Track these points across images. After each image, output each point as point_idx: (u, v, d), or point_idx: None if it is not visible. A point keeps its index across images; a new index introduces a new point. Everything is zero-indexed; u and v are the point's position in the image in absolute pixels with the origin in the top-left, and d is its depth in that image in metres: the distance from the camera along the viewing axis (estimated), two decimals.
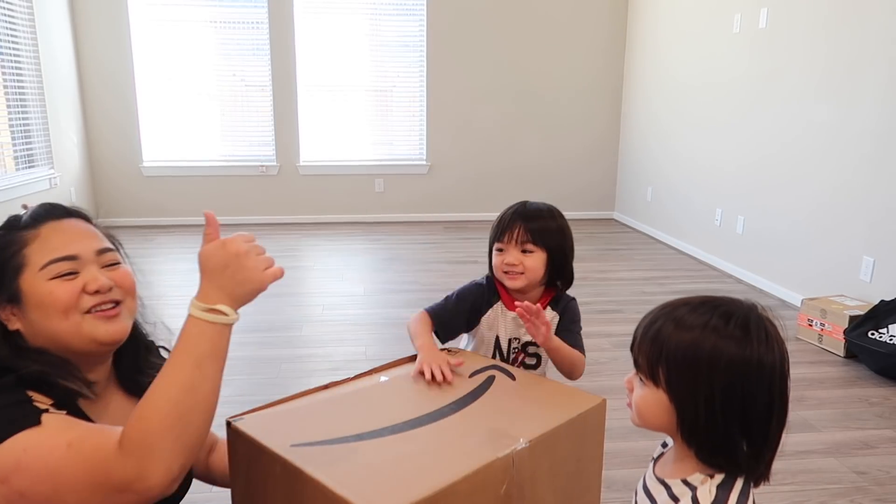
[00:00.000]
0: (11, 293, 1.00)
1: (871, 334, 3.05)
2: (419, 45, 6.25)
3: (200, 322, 0.91)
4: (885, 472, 2.22)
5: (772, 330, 0.86)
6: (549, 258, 1.56)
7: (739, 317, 0.85)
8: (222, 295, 0.92)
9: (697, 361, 0.83)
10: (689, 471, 0.88)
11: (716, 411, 0.83)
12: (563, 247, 1.59)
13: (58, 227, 1.04)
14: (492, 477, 1.01)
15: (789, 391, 0.87)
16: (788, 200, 4.05)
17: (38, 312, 0.99)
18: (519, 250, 1.55)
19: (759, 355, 0.83)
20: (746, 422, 0.83)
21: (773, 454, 0.87)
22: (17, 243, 1.01)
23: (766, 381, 0.83)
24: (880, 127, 3.35)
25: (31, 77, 5.08)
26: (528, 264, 1.55)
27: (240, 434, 1.08)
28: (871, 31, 3.41)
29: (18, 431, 0.86)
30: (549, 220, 1.58)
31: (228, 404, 2.88)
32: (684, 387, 0.85)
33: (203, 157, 6.24)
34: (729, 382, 0.82)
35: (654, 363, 0.87)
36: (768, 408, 0.84)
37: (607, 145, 6.65)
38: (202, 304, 0.91)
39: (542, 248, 1.55)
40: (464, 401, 1.21)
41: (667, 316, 0.88)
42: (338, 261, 5.18)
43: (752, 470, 0.86)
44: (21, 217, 1.05)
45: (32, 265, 1.00)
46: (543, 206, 1.62)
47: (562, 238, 1.58)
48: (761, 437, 0.84)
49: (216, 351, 0.92)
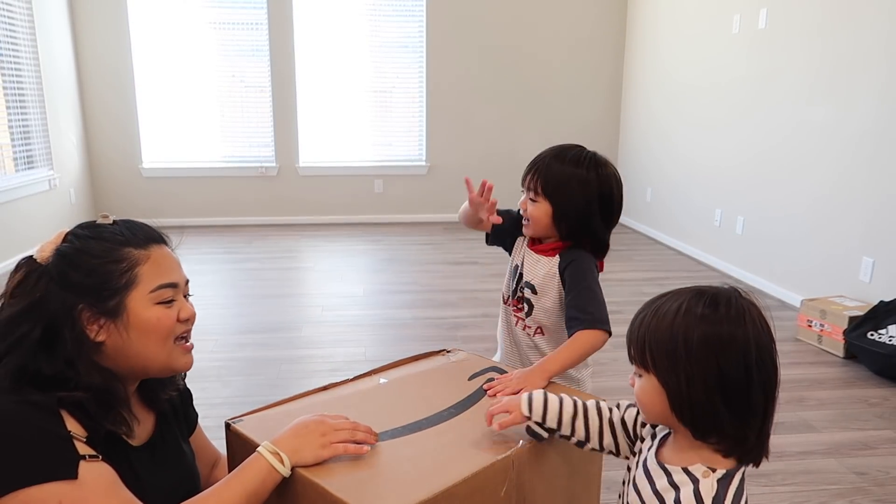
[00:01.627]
0: (114, 307, 0.98)
1: (870, 335, 3.05)
2: (418, 45, 6.25)
3: (262, 459, 0.97)
4: (885, 473, 2.22)
5: (745, 305, 0.88)
6: (554, 213, 1.45)
7: (709, 297, 0.89)
8: (289, 448, 0.99)
9: (674, 343, 0.87)
10: (691, 460, 0.90)
11: (697, 388, 0.86)
12: (575, 201, 1.44)
13: (162, 252, 1.05)
14: (491, 479, 1.01)
15: (775, 364, 0.88)
16: (788, 201, 4.05)
17: (138, 333, 1.00)
18: (528, 197, 1.48)
19: (729, 330, 0.86)
20: (727, 395, 0.86)
21: (766, 427, 0.89)
22: (129, 260, 1.00)
23: (739, 354, 0.85)
24: (879, 127, 3.35)
25: (30, 78, 5.08)
26: (531, 212, 1.48)
27: (239, 436, 1.08)
28: (869, 32, 3.41)
29: (57, 479, 0.86)
30: (570, 166, 1.44)
31: (228, 405, 2.89)
32: (668, 369, 0.88)
33: (203, 158, 6.24)
34: (704, 359, 0.86)
35: (643, 352, 0.91)
36: (746, 379, 0.85)
37: (607, 146, 6.65)
38: (271, 446, 0.98)
39: (545, 198, 1.45)
40: (463, 404, 1.21)
41: (649, 306, 0.93)
42: (337, 262, 5.18)
43: (743, 443, 0.88)
44: (115, 228, 1.03)
45: (143, 286, 1.00)
46: (583, 151, 1.47)
47: (574, 190, 1.43)
48: (745, 409, 0.86)
49: (261, 492, 0.96)
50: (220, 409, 2.53)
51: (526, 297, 1.55)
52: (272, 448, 0.98)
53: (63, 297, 0.96)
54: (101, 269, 0.99)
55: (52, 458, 0.87)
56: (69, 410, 0.92)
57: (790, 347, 3.34)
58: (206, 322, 3.60)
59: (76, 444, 0.90)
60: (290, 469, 0.97)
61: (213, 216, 6.30)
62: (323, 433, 1.00)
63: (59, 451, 0.88)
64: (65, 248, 0.99)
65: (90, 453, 0.91)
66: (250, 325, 3.62)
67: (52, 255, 0.99)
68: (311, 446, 0.99)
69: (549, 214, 1.46)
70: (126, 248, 1.01)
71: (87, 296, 0.97)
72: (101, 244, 1.00)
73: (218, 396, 2.75)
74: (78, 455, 0.89)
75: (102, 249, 1.00)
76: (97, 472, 0.90)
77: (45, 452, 0.87)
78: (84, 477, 0.88)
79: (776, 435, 2.47)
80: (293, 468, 0.97)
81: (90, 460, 0.90)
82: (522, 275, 1.56)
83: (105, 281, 0.98)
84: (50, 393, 0.92)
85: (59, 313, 0.96)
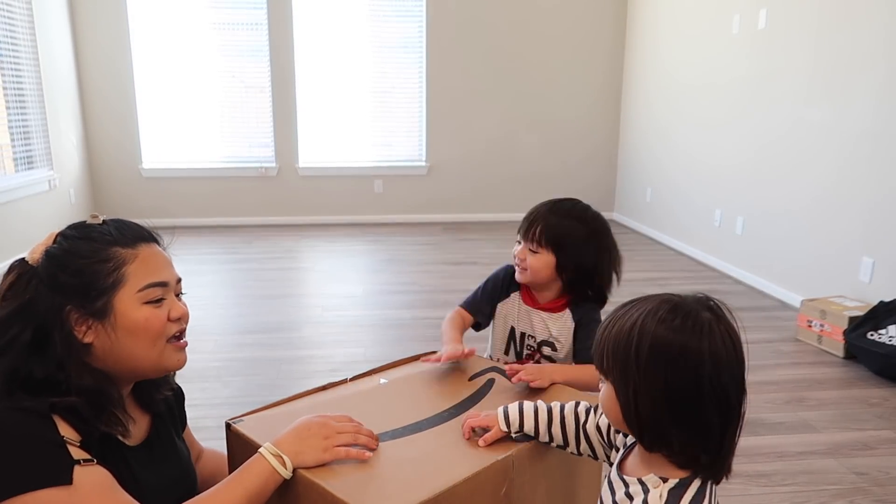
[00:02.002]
0: (101, 308, 0.97)
1: (870, 335, 3.05)
2: (418, 46, 6.25)
3: (264, 461, 0.97)
4: (885, 473, 2.22)
5: (707, 318, 0.83)
6: (558, 262, 1.51)
7: (671, 306, 0.84)
8: (291, 450, 0.98)
9: (626, 352, 0.84)
10: (646, 471, 0.88)
11: (644, 400, 0.83)
12: (581, 255, 1.50)
13: (151, 250, 1.04)
14: (492, 479, 1.01)
15: (737, 382, 0.84)
16: (788, 201, 4.05)
17: (126, 333, 0.99)
18: (528, 248, 1.53)
19: (681, 342, 0.81)
20: (674, 410, 0.82)
21: (723, 447, 0.84)
22: (116, 259, 0.99)
23: (690, 368, 0.81)
24: (879, 127, 3.35)
25: (30, 78, 5.08)
26: (531, 263, 1.52)
27: (239, 436, 1.08)
28: (869, 32, 3.41)
29: (51, 485, 0.85)
30: (573, 221, 1.51)
31: (228, 405, 2.88)
32: (620, 378, 0.86)
33: (202, 159, 6.24)
34: (652, 370, 0.82)
35: (601, 358, 0.88)
36: (696, 396, 0.81)
37: (607, 146, 6.65)
38: (273, 448, 0.98)
39: (549, 251, 1.50)
40: (463, 405, 1.21)
41: (616, 311, 0.89)
42: (337, 262, 5.18)
43: (694, 462, 0.85)
44: (104, 228, 1.02)
45: (130, 286, 0.99)
46: (581, 207, 1.55)
47: (580, 245, 1.50)
48: (695, 427, 0.82)
49: (262, 493, 0.96)
50: (220, 409, 2.53)
51: (546, 354, 1.57)
52: (274, 450, 0.98)
53: (51, 299, 0.95)
54: (88, 269, 0.98)
55: (46, 464, 0.87)
56: (62, 415, 0.92)
57: (790, 347, 3.34)
58: (205, 322, 3.60)
59: (70, 449, 0.89)
60: (292, 471, 0.97)
61: (212, 216, 6.30)
62: (326, 436, 1.00)
63: (52, 457, 0.88)
64: (53, 250, 0.99)
65: (85, 458, 0.90)
66: (250, 326, 3.62)
67: (42, 256, 0.98)
68: (313, 449, 0.99)
69: (552, 266, 1.51)
70: (114, 248, 1.00)
71: (75, 297, 0.96)
72: (89, 244, 0.99)
73: (218, 397, 2.75)
74: (72, 460, 0.88)
75: (90, 249, 0.99)
76: (93, 477, 0.89)
77: (39, 459, 0.87)
78: (79, 482, 0.87)
79: (776, 435, 2.47)
80: (294, 469, 0.97)
81: (85, 465, 0.89)
82: (526, 335, 1.59)
83: (92, 281, 0.97)
84: (41, 398, 0.91)
85: (49, 315, 0.95)
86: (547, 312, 1.57)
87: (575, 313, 1.55)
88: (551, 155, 6.58)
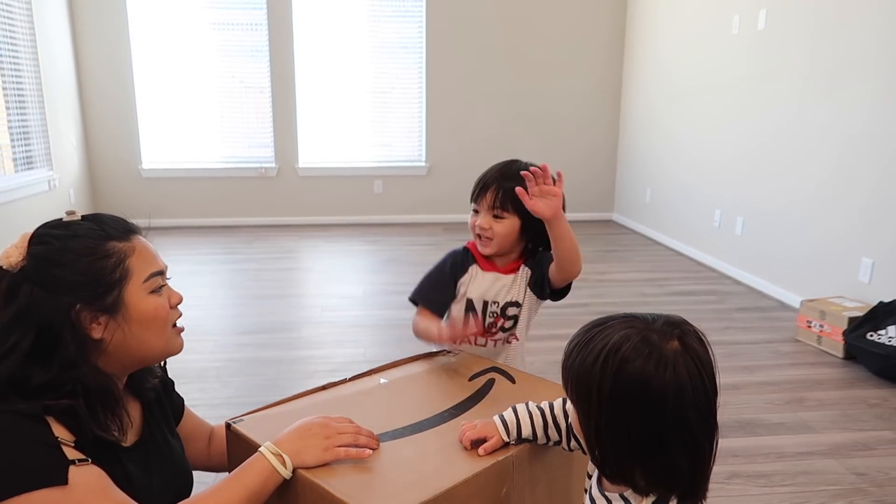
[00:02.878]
0: (111, 303, 0.98)
1: (869, 335, 3.05)
2: (418, 46, 6.26)
3: (264, 460, 0.97)
4: (884, 474, 2.22)
5: (672, 350, 0.79)
6: (523, 225, 1.47)
7: (636, 340, 0.80)
8: (291, 449, 0.99)
9: (589, 390, 0.82)
10: (624, 487, 0.87)
11: (605, 439, 0.82)
12: None
13: (142, 241, 1.05)
14: (492, 479, 1.01)
15: (705, 417, 0.80)
16: (788, 201, 4.05)
17: (139, 325, 1.00)
18: (491, 215, 1.47)
19: (643, 381, 0.78)
20: (636, 452, 0.80)
21: (692, 485, 0.82)
22: (117, 253, 0.99)
23: (651, 410, 0.78)
24: (879, 128, 3.35)
25: (30, 79, 5.08)
26: (498, 230, 1.47)
27: (239, 436, 1.08)
28: (867, 33, 3.41)
29: (47, 486, 0.85)
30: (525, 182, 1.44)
31: (228, 406, 2.88)
32: (582, 412, 0.85)
33: (202, 159, 6.24)
34: (612, 413, 0.80)
35: (567, 385, 0.87)
36: (658, 437, 0.79)
37: (606, 146, 6.66)
38: (273, 447, 0.98)
39: (515, 213, 1.46)
40: (464, 405, 1.21)
41: (583, 335, 0.86)
42: (337, 262, 5.18)
43: (659, 494, 0.83)
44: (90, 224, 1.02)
45: (136, 277, 1.00)
46: (531, 166, 1.47)
47: None
48: (659, 467, 0.80)
49: (262, 492, 0.96)
50: (219, 409, 2.53)
51: (509, 315, 1.54)
52: (274, 449, 0.98)
53: (56, 301, 0.94)
54: (91, 266, 0.97)
55: (41, 465, 0.87)
56: (56, 417, 0.91)
57: (789, 348, 3.35)
58: (205, 322, 3.60)
59: (65, 450, 0.89)
60: (292, 471, 0.97)
61: (212, 217, 6.30)
62: (326, 436, 1.00)
63: (47, 458, 0.88)
64: (43, 251, 0.96)
65: (79, 458, 0.90)
66: (250, 326, 3.62)
67: (26, 259, 0.95)
68: (313, 449, 0.99)
69: (518, 229, 1.48)
70: (110, 242, 1.00)
71: (83, 295, 0.96)
72: (84, 241, 0.98)
73: (217, 397, 2.75)
74: (67, 460, 0.88)
75: (87, 246, 0.98)
76: (88, 477, 0.89)
77: (34, 460, 0.87)
78: (75, 482, 0.87)
79: (776, 436, 2.48)
80: (294, 469, 0.97)
81: (80, 465, 0.89)
82: (488, 301, 1.54)
83: (98, 278, 0.97)
84: (35, 401, 0.91)
85: (55, 318, 0.94)
86: (508, 275, 1.54)
87: (528, 266, 1.54)
88: (551, 155, 6.56)
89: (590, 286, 4.24)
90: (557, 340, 3.25)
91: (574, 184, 6.59)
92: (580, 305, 3.78)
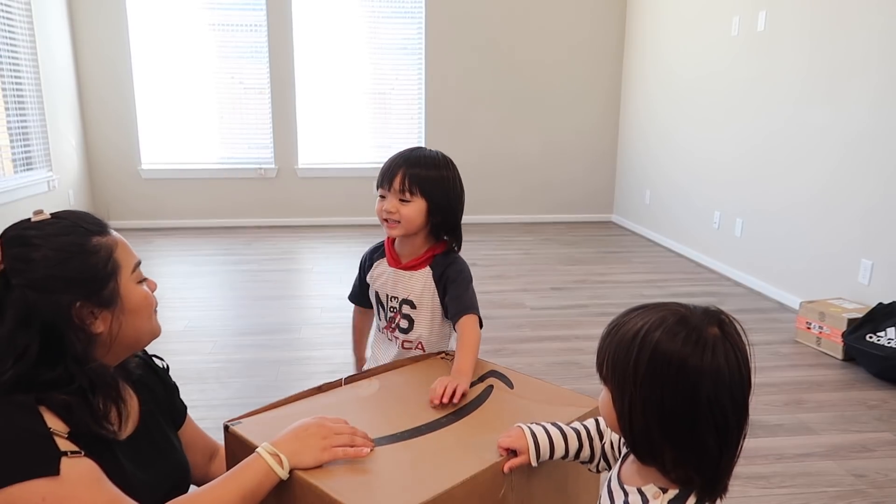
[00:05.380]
0: (108, 297, 1.00)
1: (869, 337, 3.06)
2: (417, 47, 6.26)
3: (261, 460, 0.98)
4: (884, 476, 2.22)
5: (712, 335, 0.81)
6: (429, 207, 1.53)
7: (676, 319, 0.82)
8: (289, 449, 0.99)
9: (626, 363, 0.83)
10: (645, 481, 0.87)
11: (637, 413, 0.82)
12: (447, 197, 1.55)
13: (117, 234, 1.07)
14: (490, 481, 1.01)
15: (739, 404, 0.82)
16: (787, 203, 4.06)
17: (132, 314, 1.04)
18: (397, 198, 1.52)
19: (681, 359, 0.79)
20: (667, 428, 0.81)
21: (720, 469, 0.83)
22: (103, 248, 1.01)
23: (687, 386, 0.79)
24: (878, 129, 3.35)
25: (29, 79, 5.07)
26: (405, 213, 1.52)
27: (237, 438, 1.08)
28: (866, 35, 3.41)
29: (38, 476, 0.85)
30: (433, 168, 1.54)
31: (227, 407, 2.87)
32: (618, 387, 0.85)
33: (201, 160, 6.23)
34: (648, 385, 0.81)
35: (602, 364, 0.87)
36: (691, 415, 0.80)
37: (606, 148, 6.66)
38: (270, 447, 0.99)
39: (421, 196, 1.52)
40: (462, 410, 1.21)
41: (621, 317, 0.88)
42: (336, 263, 5.18)
43: (685, 480, 0.83)
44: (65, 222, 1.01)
45: (125, 269, 1.04)
46: (433, 153, 1.58)
47: (445, 188, 1.54)
48: (689, 446, 0.81)
49: (258, 492, 0.97)
50: (218, 410, 2.52)
51: (404, 313, 1.58)
52: (272, 449, 0.98)
53: (53, 302, 0.94)
54: (85, 263, 0.98)
55: (33, 455, 0.87)
56: (50, 407, 0.91)
57: (789, 349, 3.34)
58: (204, 323, 3.59)
59: (57, 441, 0.89)
60: (289, 471, 0.97)
61: (211, 218, 6.30)
62: (323, 436, 1.01)
63: (39, 449, 0.88)
64: (28, 253, 0.95)
65: (72, 449, 0.90)
66: (249, 327, 3.61)
67: (5, 263, 0.94)
68: (311, 449, 0.99)
69: (424, 211, 1.53)
70: (94, 238, 1.01)
71: (81, 292, 0.96)
72: (69, 238, 0.98)
73: (216, 398, 2.74)
74: (59, 451, 0.88)
75: (74, 243, 0.98)
76: (80, 468, 0.89)
77: (25, 451, 0.87)
78: (66, 473, 0.87)
79: (775, 437, 2.47)
80: (291, 470, 0.97)
81: (72, 456, 0.89)
82: (389, 296, 1.60)
83: (93, 273, 0.98)
84: (28, 393, 0.91)
85: (57, 318, 0.94)
86: (408, 271, 1.59)
87: (435, 271, 1.57)
88: (550, 156, 6.58)
89: (589, 287, 4.24)
90: (557, 342, 3.26)
91: (574, 185, 6.61)
92: (579, 307, 3.78)
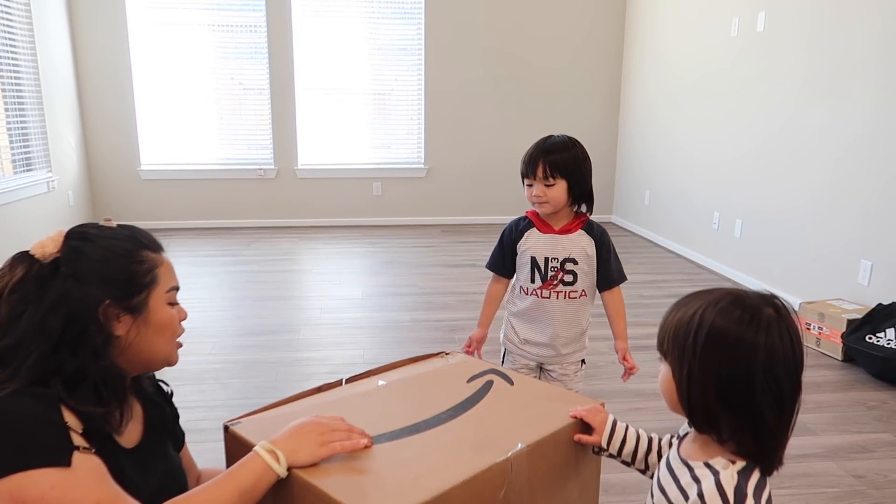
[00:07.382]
0: (137, 304, 1.04)
1: (868, 338, 3.06)
2: (417, 48, 6.26)
3: (258, 457, 0.98)
4: (883, 476, 2.22)
5: (769, 314, 0.87)
6: (569, 185, 1.82)
7: (734, 297, 0.89)
8: (286, 447, 1.00)
9: (686, 335, 0.89)
10: (712, 454, 0.91)
11: (696, 383, 0.88)
12: (581, 173, 1.84)
13: (167, 257, 1.12)
14: (490, 481, 1.01)
15: (792, 378, 0.87)
16: (786, 203, 4.06)
17: (154, 330, 1.06)
18: (543, 184, 1.81)
19: (738, 332, 0.86)
20: (724, 397, 0.86)
21: (776, 439, 0.89)
22: (149, 261, 1.07)
23: (744, 358, 0.85)
24: (878, 130, 3.36)
25: (29, 80, 5.07)
26: (552, 194, 1.82)
27: (237, 438, 1.08)
28: (865, 36, 3.42)
29: (51, 465, 0.87)
30: (565, 151, 1.82)
31: (226, 407, 2.87)
32: (677, 359, 0.91)
33: (201, 161, 6.23)
34: (706, 355, 0.87)
35: (662, 339, 0.94)
36: (747, 385, 0.85)
37: (605, 149, 6.66)
38: (268, 445, 0.99)
39: (562, 178, 1.81)
40: (462, 406, 1.21)
41: (679, 301, 0.95)
42: (336, 264, 5.18)
43: (742, 449, 0.89)
44: (125, 232, 1.08)
45: (161, 287, 1.08)
46: (562, 138, 1.86)
47: (577, 166, 1.83)
48: (745, 415, 0.86)
49: (255, 490, 0.97)
50: (218, 411, 2.52)
51: (567, 269, 1.88)
52: (269, 447, 0.98)
53: (87, 294, 0.99)
54: (128, 267, 1.04)
55: (48, 445, 0.89)
56: (67, 404, 0.94)
57: None
58: (204, 324, 3.60)
59: (72, 435, 0.91)
60: (287, 470, 0.97)
61: (211, 218, 6.30)
62: (321, 433, 1.02)
63: (54, 439, 0.90)
64: (83, 246, 1.01)
65: (84, 445, 0.92)
66: (249, 328, 3.61)
67: (62, 252, 0.99)
68: (308, 446, 1.00)
69: (566, 190, 1.83)
70: (145, 251, 1.07)
71: (114, 292, 1.01)
72: (123, 244, 1.06)
73: (216, 399, 2.74)
74: (72, 445, 0.90)
75: (125, 248, 1.05)
76: (90, 464, 0.91)
77: (41, 439, 0.89)
78: (77, 466, 0.89)
79: None
80: (290, 469, 0.97)
81: (84, 451, 0.91)
82: (549, 258, 1.88)
83: (132, 279, 1.04)
84: (51, 387, 0.94)
85: (84, 310, 0.98)
86: (564, 235, 1.88)
87: (591, 234, 1.89)
88: None
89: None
90: None
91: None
92: None
